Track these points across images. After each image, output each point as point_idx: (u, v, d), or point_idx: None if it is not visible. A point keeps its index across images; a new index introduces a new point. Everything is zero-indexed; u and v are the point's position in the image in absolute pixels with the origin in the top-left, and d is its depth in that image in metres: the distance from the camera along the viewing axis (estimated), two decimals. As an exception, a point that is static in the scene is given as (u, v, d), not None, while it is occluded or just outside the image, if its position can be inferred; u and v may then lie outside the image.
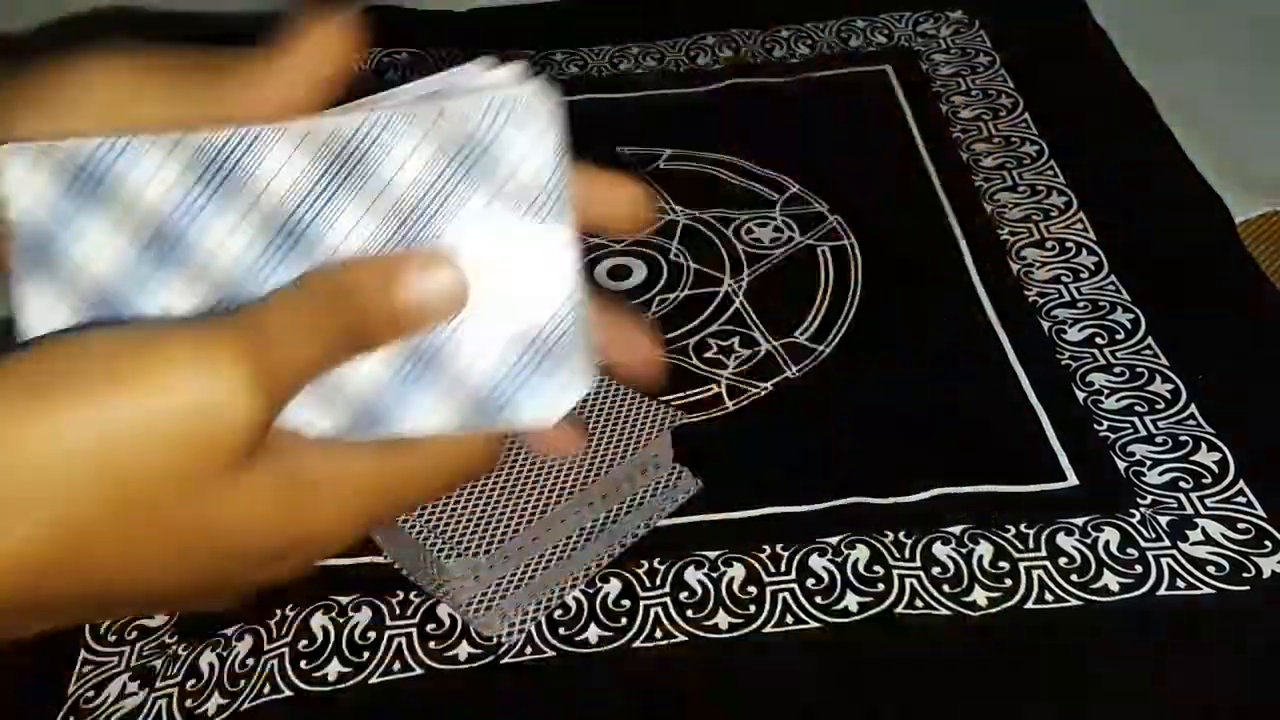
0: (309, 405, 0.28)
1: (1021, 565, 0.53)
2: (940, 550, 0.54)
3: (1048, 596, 0.52)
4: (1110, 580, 0.52)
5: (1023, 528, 0.55)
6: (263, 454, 0.27)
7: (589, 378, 0.29)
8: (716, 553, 0.55)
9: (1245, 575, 0.52)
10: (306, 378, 0.28)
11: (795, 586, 0.53)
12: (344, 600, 0.54)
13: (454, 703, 0.51)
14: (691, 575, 0.54)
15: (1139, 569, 0.53)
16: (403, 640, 0.53)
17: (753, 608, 0.53)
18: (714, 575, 0.54)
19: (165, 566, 0.27)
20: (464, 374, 0.29)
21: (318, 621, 0.54)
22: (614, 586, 0.54)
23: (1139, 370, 0.62)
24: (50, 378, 0.25)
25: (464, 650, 0.52)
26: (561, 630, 0.53)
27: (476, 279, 0.29)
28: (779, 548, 0.55)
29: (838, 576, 0.53)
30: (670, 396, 0.63)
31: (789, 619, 0.52)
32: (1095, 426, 0.59)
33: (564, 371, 0.29)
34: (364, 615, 0.54)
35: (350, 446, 0.29)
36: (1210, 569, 0.52)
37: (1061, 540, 0.54)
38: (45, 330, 0.29)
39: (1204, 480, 0.56)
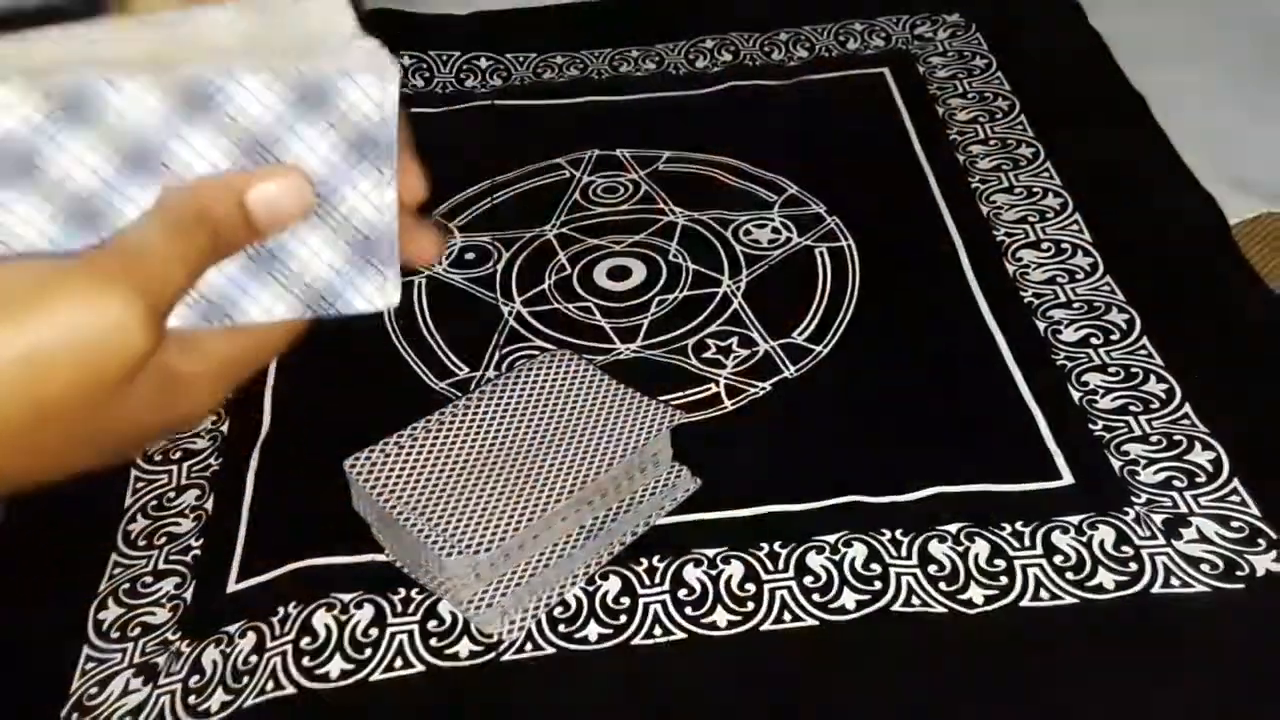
0: None
1: (1017, 563, 0.54)
2: (937, 549, 0.55)
3: (1043, 594, 0.52)
4: (1105, 578, 0.53)
5: (1018, 526, 0.55)
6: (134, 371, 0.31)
7: (398, 281, 0.36)
8: (715, 551, 0.55)
9: (1239, 573, 0.52)
10: (185, 290, 0.32)
11: (793, 584, 0.54)
12: (346, 598, 0.54)
13: (455, 700, 0.51)
14: (690, 573, 0.55)
15: (1134, 567, 0.53)
16: (404, 638, 0.53)
17: (751, 605, 0.53)
18: (713, 573, 0.54)
19: (70, 456, 0.32)
20: (300, 272, 0.35)
21: (320, 619, 0.54)
22: (613, 584, 0.54)
23: (1134, 370, 0.62)
24: None
25: (465, 648, 0.52)
26: (561, 628, 0.53)
27: (318, 195, 0.34)
28: (777, 546, 0.55)
29: (835, 574, 0.54)
30: (670, 396, 0.63)
31: (787, 616, 0.53)
32: (1090, 426, 0.60)
33: (382, 273, 0.36)
34: (365, 613, 0.54)
35: (205, 340, 0.34)
36: (1204, 567, 0.53)
37: (1057, 538, 0.54)
38: None
39: (1198, 479, 0.57)
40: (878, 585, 0.53)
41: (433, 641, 0.53)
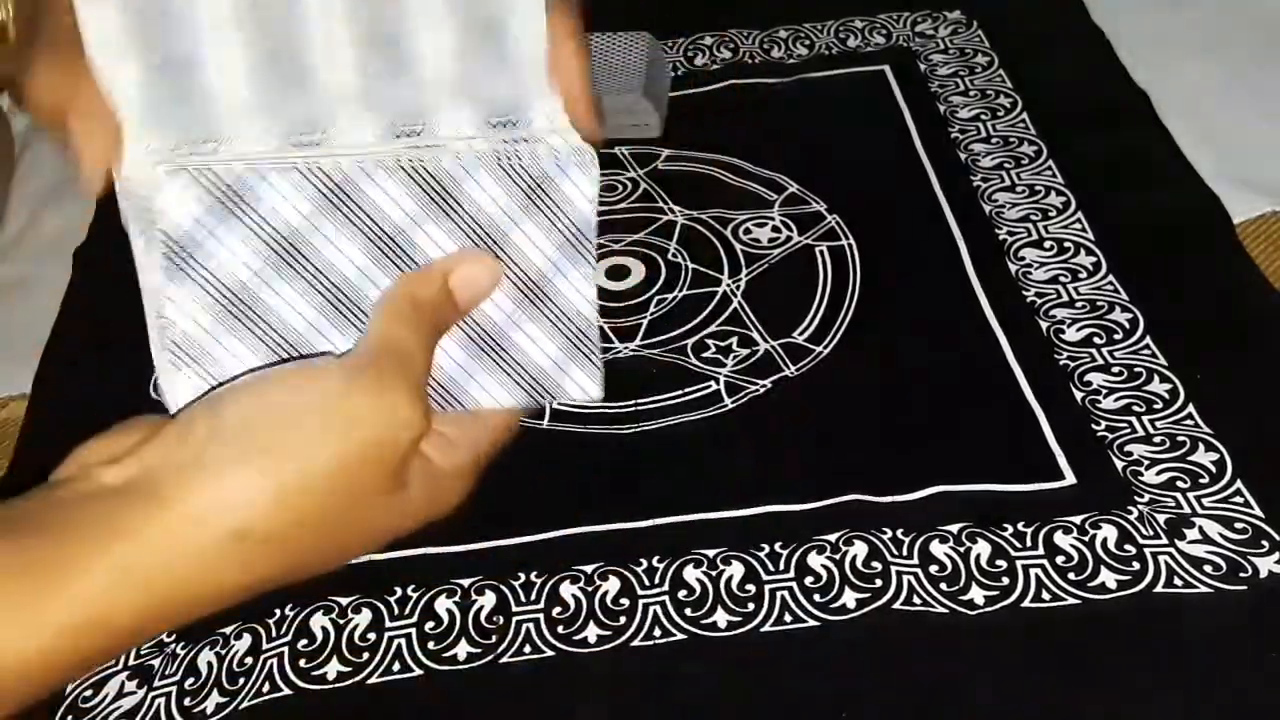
0: None
1: (1019, 564, 0.53)
2: (938, 549, 0.54)
3: (1045, 595, 0.52)
4: (1108, 578, 0.52)
5: (1020, 526, 0.55)
6: (414, 458, 0.34)
7: (602, 373, 0.39)
8: (715, 551, 0.55)
9: (1242, 575, 0.52)
10: (429, 372, 0.35)
11: (794, 584, 0.53)
12: (344, 601, 0.54)
13: (453, 703, 0.51)
14: (690, 574, 0.54)
15: (1136, 566, 0.53)
16: (402, 641, 0.53)
17: (751, 606, 0.53)
18: (713, 574, 0.54)
19: (354, 549, 0.35)
20: (521, 362, 0.37)
21: (317, 621, 0.54)
22: (613, 585, 0.54)
23: (1137, 370, 0.62)
24: (277, 431, 0.32)
25: (463, 650, 0.52)
26: (560, 629, 0.53)
27: (530, 290, 0.37)
28: (777, 546, 0.55)
29: (836, 574, 0.54)
30: (669, 394, 0.63)
31: (787, 617, 0.52)
32: (1093, 426, 0.59)
33: (591, 362, 0.39)
34: (364, 617, 0.54)
35: (453, 434, 0.37)
36: (1207, 568, 0.53)
37: (1059, 539, 0.54)
38: (186, 325, 0.34)
39: (1201, 480, 0.56)
40: (878, 584, 0.53)
41: (430, 644, 0.53)
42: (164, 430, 0.34)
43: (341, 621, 0.54)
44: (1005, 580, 0.53)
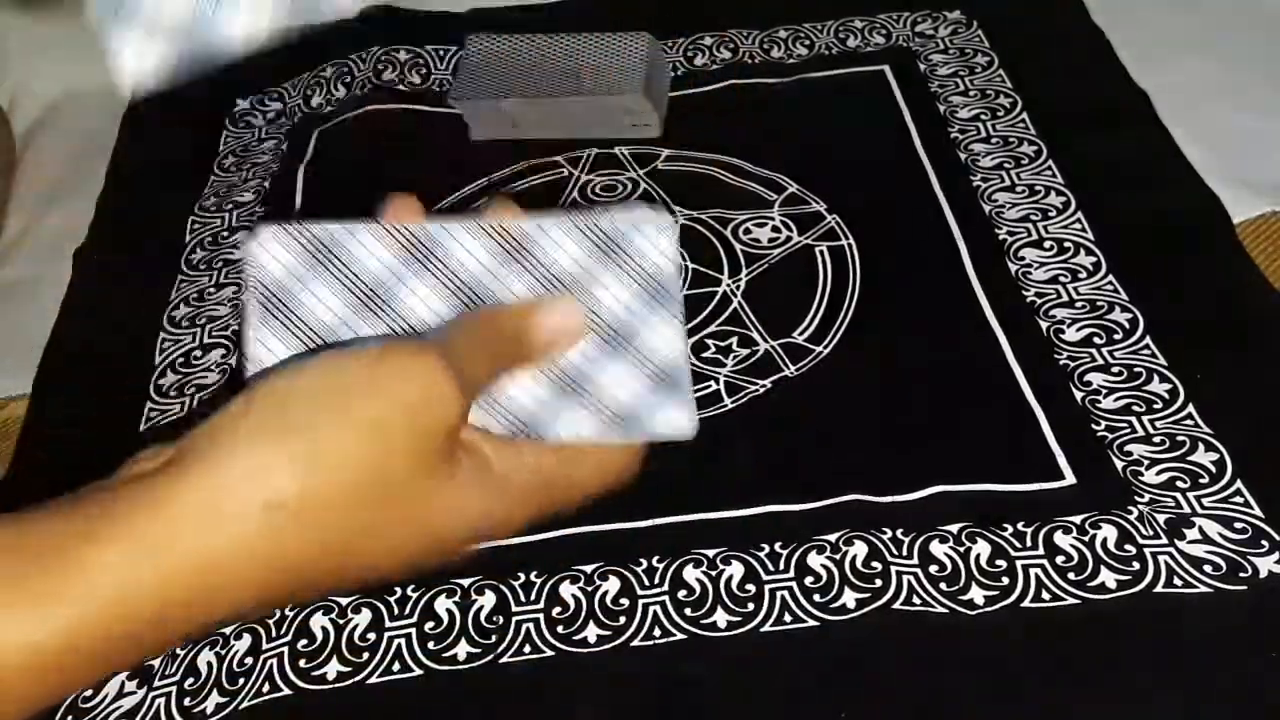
0: (482, 414, 0.37)
1: (1019, 563, 0.53)
2: (938, 548, 0.54)
3: (1045, 595, 0.52)
4: (1108, 578, 0.52)
5: (1020, 526, 0.55)
6: (462, 450, 0.34)
7: (695, 411, 0.39)
8: (715, 551, 0.55)
9: (1242, 574, 0.52)
10: (481, 386, 0.35)
11: (794, 584, 0.53)
12: (344, 601, 0.54)
13: (453, 703, 0.51)
14: (690, 574, 0.54)
15: (1136, 566, 0.53)
16: (402, 641, 0.53)
17: (751, 605, 0.53)
18: (712, 573, 0.54)
19: (404, 541, 0.34)
20: (604, 398, 0.38)
21: (317, 621, 0.54)
22: (613, 585, 0.54)
23: (1137, 370, 0.62)
24: (328, 388, 0.33)
25: (463, 650, 0.52)
26: (560, 629, 0.53)
27: (612, 338, 0.38)
28: (777, 546, 0.55)
29: (835, 574, 0.54)
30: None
31: (787, 617, 0.52)
32: (1093, 426, 0.59)
33: (682, 404, 0.39)
34: (363, 617, 0.54)
35: (524, 447, 0.36)
36: (1207, 568, 0.53)
37: (1059, 539, 0.54)
38: (269, 359, 0.37)
39: (1201, 480, 0.56)
40: (878, 584, 0.53)
41: (430, 645, 0.53)
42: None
43: (341, 621, 0.54)
44: (1005, 580, 0.53)
